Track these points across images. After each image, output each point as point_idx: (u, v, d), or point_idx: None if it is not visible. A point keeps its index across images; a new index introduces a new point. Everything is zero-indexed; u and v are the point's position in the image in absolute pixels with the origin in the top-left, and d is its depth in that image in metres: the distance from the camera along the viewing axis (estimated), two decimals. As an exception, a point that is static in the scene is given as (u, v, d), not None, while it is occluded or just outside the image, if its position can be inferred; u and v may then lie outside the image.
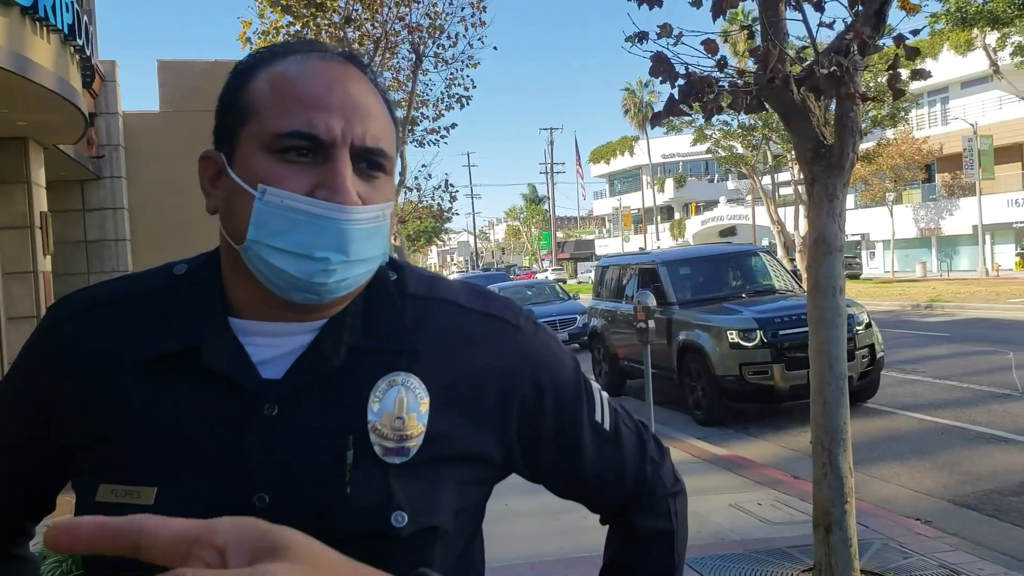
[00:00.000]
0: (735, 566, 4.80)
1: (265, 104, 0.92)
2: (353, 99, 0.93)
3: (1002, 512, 5.75)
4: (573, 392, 1.07)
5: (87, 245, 11.98)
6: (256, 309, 0.96)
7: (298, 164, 0.90)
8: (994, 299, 22.73)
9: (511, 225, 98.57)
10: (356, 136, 0.91)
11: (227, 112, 0.96)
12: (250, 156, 0.92)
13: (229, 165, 0.94)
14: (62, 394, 0.97)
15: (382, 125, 0.96)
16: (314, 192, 0.89)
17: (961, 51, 25.59)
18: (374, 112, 0.95)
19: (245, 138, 0.93)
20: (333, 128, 0.90)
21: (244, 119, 0.93)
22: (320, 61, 0.94)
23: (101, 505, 0.90)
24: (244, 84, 0.95)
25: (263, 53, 0.98)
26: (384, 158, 0.95)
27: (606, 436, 1.10)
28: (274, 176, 0.90)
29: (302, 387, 0.93)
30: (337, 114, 0.91)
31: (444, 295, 1.03)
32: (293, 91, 0.92)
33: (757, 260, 11.35)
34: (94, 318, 0.99)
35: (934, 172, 41.40)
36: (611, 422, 1.12)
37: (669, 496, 1.18)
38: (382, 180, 0.95)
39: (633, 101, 63.05)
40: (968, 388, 10.21)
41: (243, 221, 0.91)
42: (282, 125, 0.90)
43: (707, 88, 3.98)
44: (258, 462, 0.90)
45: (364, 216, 0.91)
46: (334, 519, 0.89)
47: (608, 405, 1.13)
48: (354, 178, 0.91)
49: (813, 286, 4.44)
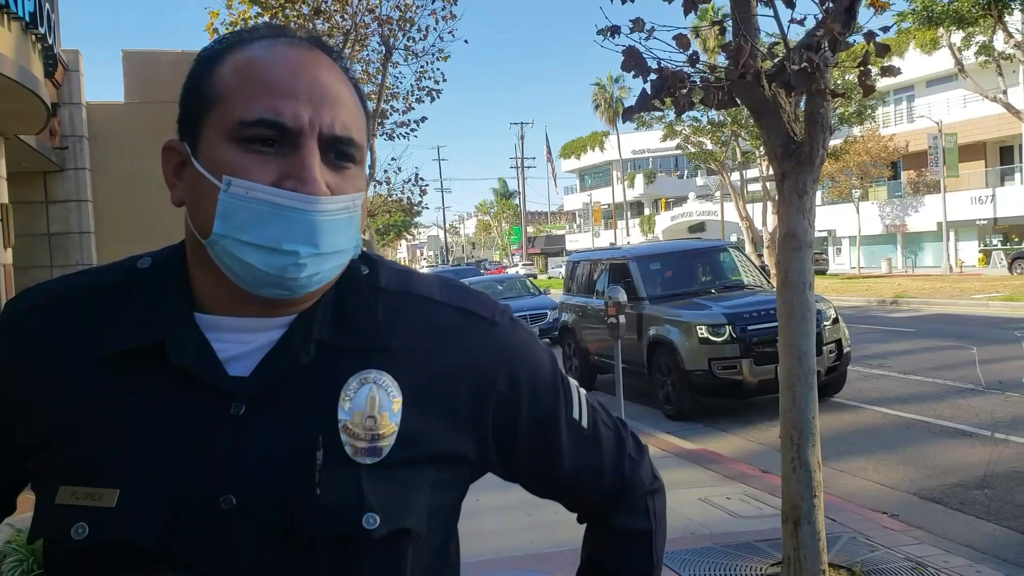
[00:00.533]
0: (705, 560, 4.82)
1: (230, 91, 0.88)
2: (321, 86, 0.89)
3: (966, 505, 5.83)
4: (550, 389, 1.05)
5: (50, 238, 11.77)
6: (223, 304, 0.93)
7: (264, 154, 0.87)
8: (958, 295, 23.09)
9: (481, 220, 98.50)
10: (324, 124, 0.88)
11: (191, 100, 0.92)
12: (214, 146, 0.88)
13: (193, 155, 0.91)
14: (21, 392, 0.93)
15: (352, 113, 0.92)
16: (281, 183, 0.86)
17: (927, 50, 25.93)
18: (343, 100, 0.91)
19: (209, 127, 0.89)
20: (300, 116, 0.87)
21: (208, 107, 0.90)
22: (287, 47, 0.91)
23: (61, 508, 0.87)
24: (208, 71, 0.91)
25: (228, 39, 0.94)
26: (354, 147, 0.91)
27: (583, 434, 1.08)
28: (239, 166, 0.86)
29: (270, 385, 0.90)
30: (304, 101, 0.87)
31: (418, 290, 1.00)
32: (259, 78, 0.88)
33: (726, 256, 11.42)
34: (54, 313, 0.95)
35: (900, 169, 41.95)
36: (589, 419, 1.09)
37: (647, 495, 1.15)
38: (352, 170, 0.92)
39: (603, 96, 63.27)
40: (933, 383, 10.35)
41: (209, 214, 0.87)
42: (247, 113, 0.87)
43: (679, 83, 3.98)
44: (224, 463, 0.87)
45: (333, 207, 0.88)
46: (303, 521, 0.86)
47: (586, 402, 1.10)
48: (323, 168, 0.88)
49: (783, 281, 4.47)
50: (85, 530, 0.85)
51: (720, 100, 4.13)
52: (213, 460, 0.87)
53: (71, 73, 11.55)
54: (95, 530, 0.85)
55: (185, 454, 0.87)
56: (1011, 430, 7.60)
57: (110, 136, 11.90)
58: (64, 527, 0.86)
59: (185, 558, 0.85)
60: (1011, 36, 21.31)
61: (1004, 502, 5.82)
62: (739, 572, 4.64)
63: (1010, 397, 9.00)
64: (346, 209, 0.90)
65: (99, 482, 0.87)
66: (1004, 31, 21.08)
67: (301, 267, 0.86)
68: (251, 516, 0.86)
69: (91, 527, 0.85)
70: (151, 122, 10.51)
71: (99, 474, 0.87)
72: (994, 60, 22.98)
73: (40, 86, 8.16)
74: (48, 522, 0.88)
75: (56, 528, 0.87)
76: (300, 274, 0.87)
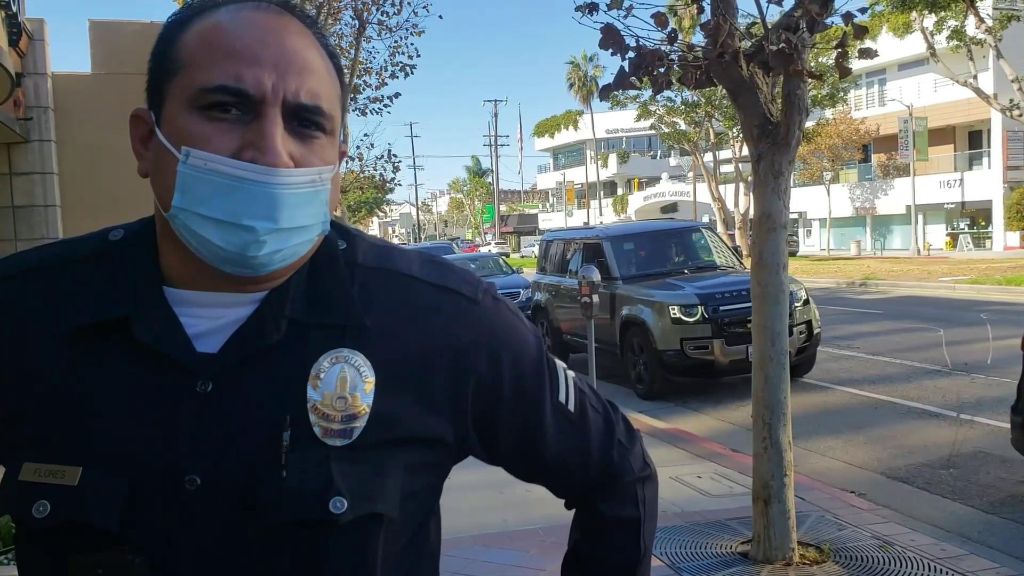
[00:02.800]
0: (676, 538, 4.86)
1: (193, 57, 0.85)
2: (288, 52, 0.86)
3: (932, 484, 5.92)
4: (534, 371, 1.02)
5: (14, 211, 11.54)
6: (192, 279, 0.90)
7: (225, 122, 0.83)
8: (925, 278, 23.39)
9: (454, 197, 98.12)
10: (289, 92, 0.84)
11: (157, 66, 0.89)
12: (176, 114, 0.85)
13: (157, 124, 0.87)
14: None
15: (322, 80, 0.88)
16: (241, 153, 0.83)
17: (899, 34, 26.04)
18: (312, 66, 0.88)
19: (172, 94, 0.86)
20: (263, 83, 0.83)
21: (172, 74, 0.86)
22: (254, 12, 0.87)
23: (24, 484, 0.85)
24: (174, 37, 0.88)
25: (196, 5, 0.90)
26: (322, 116, 0.88)
27: (570, 417, 1.05)
28: (199, 135, 0.83)
29: (239, 363, 0.87)
30: (269, 68, 0.84)
31: (396, 266, 0.96)
32: (222, 43, 0.84)
33: (700, 236, 11.46)
34: (21, 285, 0.92)
35: (870, 152, 42.34)
36: (576, 403, 1.06)
37: (637, 481, 1.12)
38: (321, 141, 0.88)
39: (578, 75, 63.13)
40: (900, 364, 10.49)
41: (169, 186, 0.84)
42: (208, 79, 0.83)
43: (657, 62, 3.95)
44: (189, 442, 0.84)
45: (296, 180, 0.84)
46: (268, 505, 0.83)
47: (574, 385, 1.07)
48: (286, 138, 0.84)
49: (757, 262, 4.48)
50: (47, 508, 0.83)
51: (698, 80, 4.12)
52: (178, 439, 0.84)
53: (36, 42, 11.28)
54: (56, 509, 0.83)
55: (149, 432, 0.84)
56: (976, 411, 7.72)
57: (76, 107, 11.66)
58: (26, 504, 0.84)
59: (146, 539, 0.83)
60: (982, 21, 21.47)
61: (969, 482, 5.92)
62: (709, 550, 4.68)
63: (976, 379, 9.14)
64: (311, 183, 0.86)
65: (62, 459, 0.84)
66: (976, 16, 21.24)
67: (261, 244, 0.83)
68: (215, 498, 0.83)
69: (53, 505, 0.83)
70: (118, 94, 10.28)
71: (62, 451, 0.85)
72: (965, 45, 23.16)
73: (4, 55, 7.97)
74: (12, 498, 0.86)
75: (19, 505, 0.85)
76: (260, 252, 0.84)
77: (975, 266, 26.30)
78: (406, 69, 16.05)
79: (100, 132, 11.20)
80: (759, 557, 4.43)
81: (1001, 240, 35.12)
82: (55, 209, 11.50)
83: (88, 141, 11.55)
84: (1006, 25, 22.14)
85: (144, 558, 0.83)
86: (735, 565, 4.46)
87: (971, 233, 37.64)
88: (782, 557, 4.37)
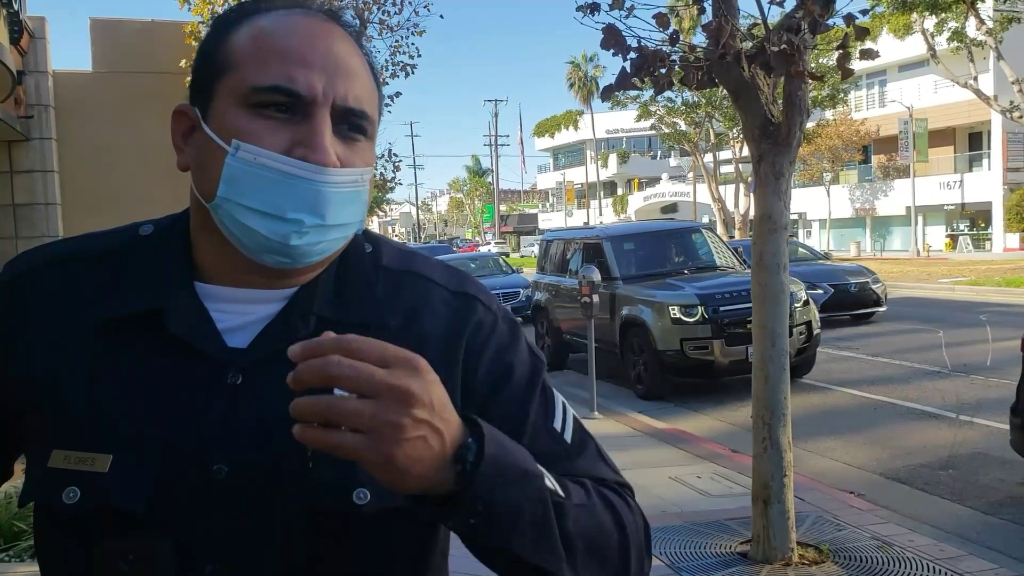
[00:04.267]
0: (675, 538, 4.86)
1: (245, 57, 0.88)
2: (336, 57, 0.89)
3: (931, 486, 5.93)
4: (527, 389, 0.97)
5: (15, 209, 11.54)
6: (225, 274, 0.92)
7: (275, 120, 0.86)
8: (925, 279, 23.41)
9: (454, 197, 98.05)
10: (338, 95, 0.87)
11: (205, 64, 0.91)
12: (226, 111, 0.88)
13: (203, 120, 0.90)
14: (17, 355, 0.92)
15: (365, 86, 0.92)
16: (291, 151, 0.85)
17: (900, 35, 26.03)
18: (357, 72, 0.91)
19: (221, 92, 0.89)
20: (314, 85, 0.86)
21: (222, 72, 0.89)
22: (304, 17, 0.90)
23: (53, 471, 0.87)
24: (224, 36, 0.91)
25: (245, 6, 0.93)
26: (366, 120, 0.91)
27: (562, 443, 0.97)
28: (250, 132, 0.86)
29: (268, 357, 0.89)
30: (319, 71, 0.87)
31: (419, 270, 0.99)
32: (275, 45, 0.87)
33: (700, 237, 11.47)
34: (52, 276, 0.95)
35: (870, 154, 42.33)
36: (573, 432, 0.99)
37: (620, 486, 0.99)
38: (363, 144, 0.91)
39: (578, 75, 63.05)
40: (900, 365, 10.50)
41: (215, 177, 0.87)
42: (261, 79, 0.86)
43: (659, 62, 3.96)
44: (218, 432, 0.86)
45: (342, 179, 0.87)
46: (293, 495, 0.85)
47: (572, 418, 1.01)
48: (333, 139, 0.87)
49: (757, 263, 4.49)
50: (77, 495, 0.85)
51: (699, 80, 4.12)
52: (206, 429, 0.86)
53: (37, 40, 11.28)
54: (86, 495, 0.85)
55: (179, 422, 0.87)
56: (976, 412, 7.72)
57: (77, 105, 11.65)
58: (56, 491, 0.86)
59: (172, 526, 0.85)
60: (983, 23, 21.48)
61: (968, 483, 5.93)
62: (709, 550, 4.69)
63: (975, 380, 9.15)
64: (354, 183, 0.89)
65: (92, 447, 0.86)
66: (976, 17, 21.25)
67: (304, 235, 0.86)
68: (241, 487, 0.86)
69: (83, 492, 0.85)
70: (118, 92, 10.29)
71: (92, 439, 0.87)
72: (966, 46, 23.17)
73: (5, 53, 7.98)
74: (40, 486, 0.88)
75: (47, 492, 0.87)
76: (302, 241, 0.86)
77: (974, 267, 26.31)
78: (407, 69, 16.01)
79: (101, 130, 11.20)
80: (758, 557, 4.43)
81: (1001, 242, 35.12)
82: (55, 207, 11.50)
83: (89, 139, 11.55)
84: (1007, 27, 22.15)
85: (172, 544, 0.85)
86: (734, 565, 4.47)
87: (971, 235, 37.63)
88: (781, 557, 4.38)
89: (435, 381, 0.74)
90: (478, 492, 0.75)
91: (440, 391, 0.74)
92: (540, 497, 0.80)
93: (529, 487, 0.79)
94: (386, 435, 0.70)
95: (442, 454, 0.73)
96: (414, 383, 0.71)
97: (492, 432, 0.79)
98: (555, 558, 0.82)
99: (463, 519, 0.76)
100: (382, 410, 0.70)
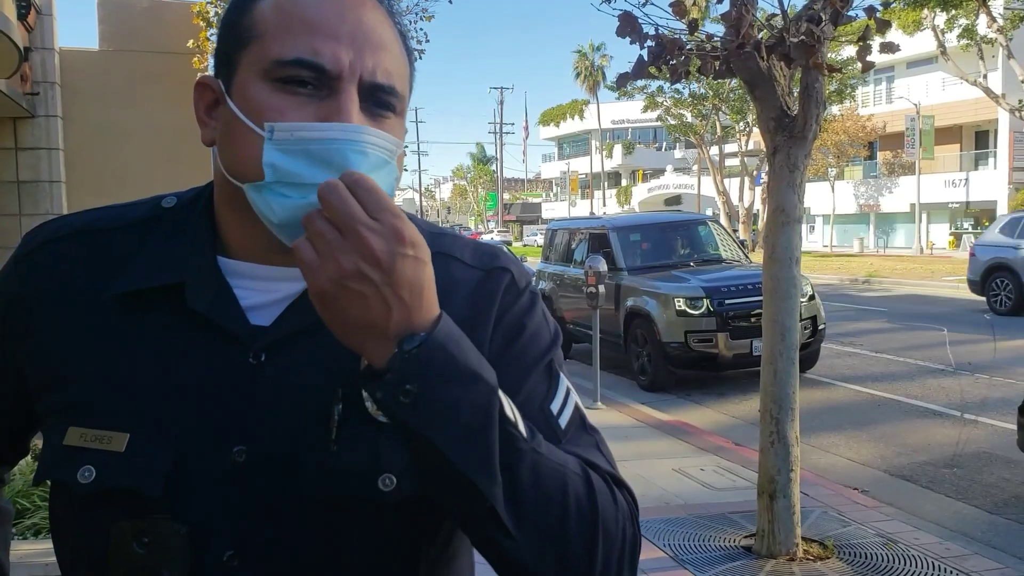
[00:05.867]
0: (679, 530, 4.85)
1: (268, 28, 0.83)
2: (366, 28, 0.83)
3: (935, 483, 5.91)
4: (532, 363, 0.92)
5: (19, 186, 11.50)
6: (250, 251, 0.88)
7: (300, 96, 0.81)
8: (929, 276, 23.36)
9: (458, 184, 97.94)
10: (366, 70, 0.82)
11: (228, 35, 0.87)
12: (248, 85, 0.83)
13: (227, 93, 0.85)
14: (35, 328, 0.89)
15: (396, 59, 0.87)
16: None
17: (909, 31, 25.91)
18: (388, 45, 0.86)
19: (244, 64, 0.84)
20: (341, 59, 0.81)
21: (245, 43, 0.84)
22: None
23: (69, 449, 0.84)
24: (248, 6, 0.86)
25: None
26: (395, 97, 0.86)
27: (556, 431, 0.89)
28: (272, 108, 0.81)
29: (291, 336, 0.86)
30: (346, 44, 0.82)
31: (449, 250, 0.95)
32: (300, 15, 0.82)
33: (706, 229, 11.43)
34: (71, 247, 0.91)
35: (876, 150, 42.21)
36: (569, 421, 0.92)
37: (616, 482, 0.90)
38: (392, 121, 0.86)
39: (584, 65, 62.87)
40: (904, 362, 10.47)
41: (245, 157, 0.82)
42: (284, 51, 0.81)
43: (677, 51, 3.91)
44: (238, 413, 0.83)
45: (377, 140, 0.81)
46: (316, 479, 0.82)
47: (573, 404, 0.94)
48: (360, 116, 0.82)
49: (769, 256, 4.45)
50: (92, 474, 0.82)
51: (716, 70, 4.08)
52: (227, 410, 0.83)
53: (44, 17, 11.22)
54: (102, 475, 0.82)
55: (198, 402, 0.84)
56: (980, 411, 7.70)
57: (83, 84, 11.60)
58: (71, 470, 0.83)
59: (191, 508, 0.82)
60: (994, 20, 21.38)
61: (972, 481, 5.91)
62: (713, 543, 4.67)
63: (979, 378, 9.12)
64: (387, 151, 0.83)
65: (109, 425, 0.84)
66: (987, 15, 21.15)
67: None
68: (261, 470, 0.82)
69: (98, 471, 0.82)
70: (124, 71, 10.23)
71: (109, 417, 0.84)
72: (976, 44, 23.08)
73: (13, 28, 7.93)
74: (55, 464, 0.85)
75: (62, 470, 0.84)
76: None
77: (978, 266, 26.22)
78: (415, 54, 15.96)
79: (107, 109, 11.15)
80: (763, 551, 4.42)
81: (1005, 241, 35.03)
82: (60, 185, 11.46)
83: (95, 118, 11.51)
84: (1017, 24, 22.04)
85: (190, 527, 0.82)
86: (738, 559, 4.45)
87: (974, 233, 37.49)
88: (786, 552, 4.36)
89: (417, 260, 0.73)
90: (408, 375, 0.72)
91: (419, 274, 0.73)
92: (484, 406, 0.75)
93: (474, 391, 0.75)
94: (328, 269, 0.71)
95: (382, 326, 0.73)
96: (380, 244, 0.71)
97: (451, 329, 0.76)
98: (485, 476, 0.75)
99: (390, 397, 0.73)
100: (339, 246, 0.71)
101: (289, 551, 0.83)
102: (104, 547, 0.83)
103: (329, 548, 0.84)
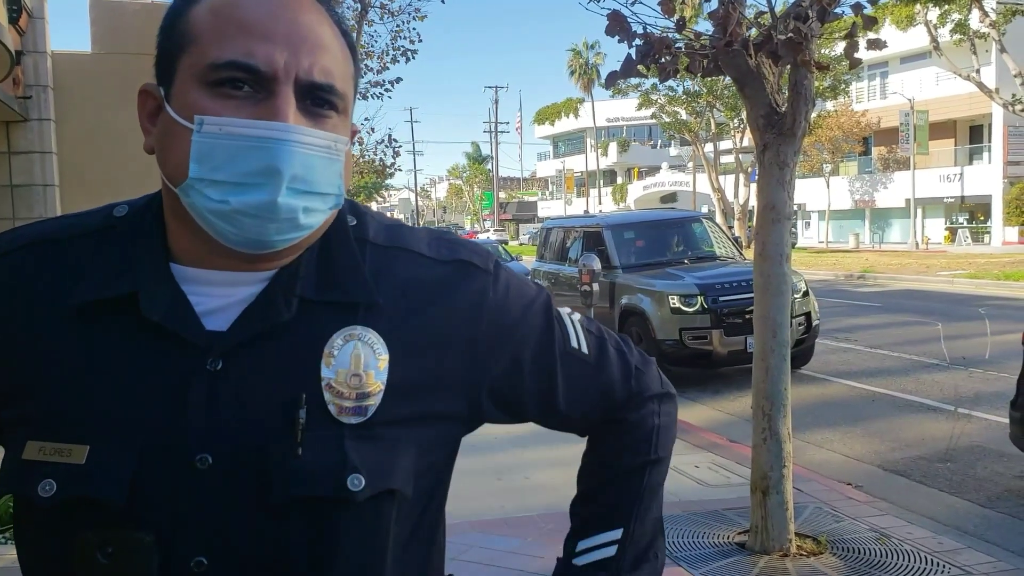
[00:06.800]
0: (673, 527, 4.86)
1: (204, 32, 0.83)
2: (301, 28, 0.84)
3: (929, 478, 5.93)
4: (546, 333, 1.02)
5: (13, 190, 11.49)
6: (201, 256, 0.88)
7: (236, 98, 0.81)
8: (924, 271, 23.40)
9: (453, 184, 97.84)
10: (302, 69, 0.83)
11: (166, 40, 0.87)
12: (187, 90, 0.83)
13: (167, 100, 0.85)
14: None
15: (335, 58, 0.87)
16: None
17: (902, 27, 25.97)
18: (326, 44, 0.86)
19: (182, 69, 0.84)
20: (274, 60, 0.81)
21: (182, 48, 0.84)
22: None
23: (28, 463, 0.83)
24: (184, 10, 0.86)
25: None
26: (335, 95, 0.86)
27: (587, 360, 1.05)
28: (209, 110, 0.81)
29: (249, 341, 0.86)
30: (281, 45, 0.82)
31: (406, 244, 0.95)
32: (235, 17, 0.82)
33: (700, 227, 11.45)
34: (24, 259, 0.90)
35: (871, 145, 42.25)
36: (589, 345, 1.06)
37: (654, 398, 1.12)
38: (334, 120, 0.86)
39: (579, 63, 62.88)
40: (898, 357, 10.50)
41: (178, 159, 0.82)
42: (219, 55, 0.81)
43: (665, 49, 3.92)
44: (200, 421, 0.83)
45: (312, 140, 0.82)
46: (284, 483, 0.82)
47: (583, 328, 1.07)
48: (298, 116, 0.82)
49: (760, 253, 4.46)
50: (52, 487, 0.82)
51: (705, 68, 4.09)
52: (187, 417, 0.83)
53: (36, 20, 11.20)
54: (63, 487, 0.82)
55: (158, 411, 0.83)
56: (974, 405, 7.72)
57: (76, 87, 11.58)
58: (31, 484, 0.82)
59: (156, 518, 0.82)
60: (986, 15, 21.43)
61: (966, 476, 5.93)
62: (707, 540, 4.68)
63: (973, 373, 9.15)
64: (327, 148, 0.84)
65: (68, 437, 0.83)
66: (980, 10, 21.19)
67: (279, 206, 0.81)
68: (227, 477, 0.82)
69: (59, 484, 0.82)
70: (117, 74, 10.21)
71: (68, 429, 0.83)
72: (969, 39, 23.11)
73: (4, 32, 7.92)
74: (15, 478, 0.84)
75: (23, 484, 0.83)
76: (282, 208, 0.81)
77: (973, 261, 26.32)
78: (407, 54, 15.96)
79: (100, 112, 11.13)
80: (756, 547, 4.43)
81: (999, 235, 35.10)
82: (53, 189, 11.45)
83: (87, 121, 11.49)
84: (1010, 19, 22.08)
85: (154, 537, 0.82)
86: (732, 555, 4.46)
87: (970, 228, 37.60)
88: (779, 548, 4.38)
89: None
90: None
91: None
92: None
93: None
94: None
95: None
96: None
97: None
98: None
99: None
100: None
101: (260, 555, 0.84)
102: (69, 559, 0.83)
103: (300, 550, 0.84)
